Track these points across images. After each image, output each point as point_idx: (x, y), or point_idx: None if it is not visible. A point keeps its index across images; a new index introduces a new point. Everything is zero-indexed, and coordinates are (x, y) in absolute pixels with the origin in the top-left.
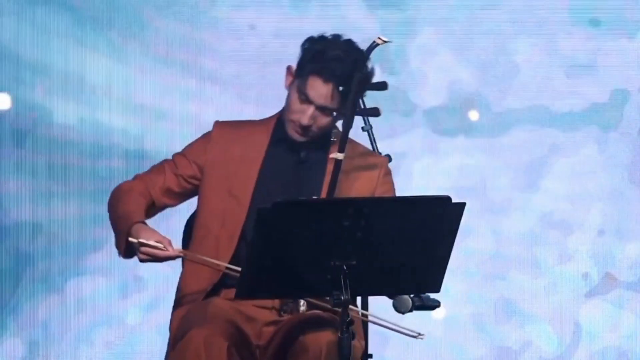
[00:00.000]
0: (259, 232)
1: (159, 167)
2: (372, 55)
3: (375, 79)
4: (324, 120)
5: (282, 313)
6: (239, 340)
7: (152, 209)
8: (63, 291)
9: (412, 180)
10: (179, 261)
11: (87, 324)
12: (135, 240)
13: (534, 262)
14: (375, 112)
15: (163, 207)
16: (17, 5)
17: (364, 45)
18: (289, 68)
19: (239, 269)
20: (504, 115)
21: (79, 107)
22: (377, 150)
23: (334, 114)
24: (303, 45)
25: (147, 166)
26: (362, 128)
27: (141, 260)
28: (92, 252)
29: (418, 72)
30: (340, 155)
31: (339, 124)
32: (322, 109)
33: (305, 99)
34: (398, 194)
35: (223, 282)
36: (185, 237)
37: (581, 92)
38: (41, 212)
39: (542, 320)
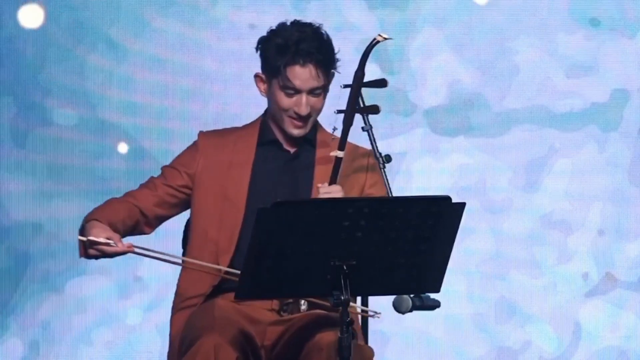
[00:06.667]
0: (259, 232)
1: (148, 182)
2: (370, 55)
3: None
4: (317, 102)
5: (281, 313)
6: (246, 347)
7: (143, 219)
8: (63, 291)
9: (412, 180)
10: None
11: (87, 324)
12: (84, 239)
13: (534, 262)
14: (374, 109)
15: (157, 218)
16: (18, 5)
17: (364, 45)
18: (257, 76)
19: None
20: (504, 115)
21: (79, 107)
22: (377, 150)
23: (324, 92)
24: (258, 47)
25: (147, 166)
26: (362, 128)
27: (90, 256)
28: None
29: (418, 72)
30: (340, 153)
31: (339, 122)
32: (312, 92)
33: (294, 91)
34: (398, 194)
35: (222, 285)
36: (184, 240)
37: (581, 92)
38: (41, 212)
39: (542, 320)
